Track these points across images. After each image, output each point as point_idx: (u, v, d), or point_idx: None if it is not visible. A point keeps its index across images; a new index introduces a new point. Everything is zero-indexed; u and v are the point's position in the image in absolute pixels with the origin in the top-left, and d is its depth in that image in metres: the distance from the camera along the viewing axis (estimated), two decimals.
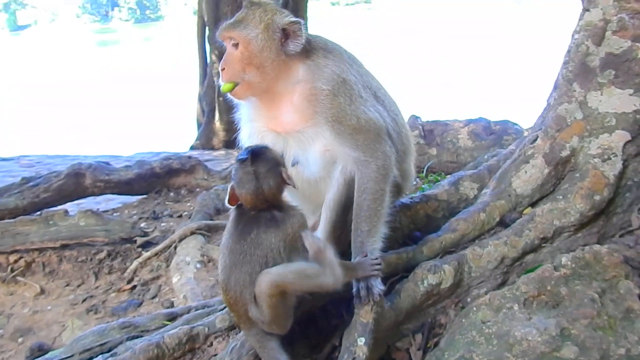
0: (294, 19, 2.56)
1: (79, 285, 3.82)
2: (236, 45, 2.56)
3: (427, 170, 4.48)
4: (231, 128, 9.10)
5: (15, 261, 3.95)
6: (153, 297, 3.59)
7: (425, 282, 2.66)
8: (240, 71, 2.55)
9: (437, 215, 3.30)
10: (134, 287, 3.69)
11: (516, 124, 5.09)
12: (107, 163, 5.21)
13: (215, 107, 9.16)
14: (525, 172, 3.10)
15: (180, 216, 4.71)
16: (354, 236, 2.64)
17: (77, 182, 4.89)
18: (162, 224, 4.56)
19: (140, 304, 3.54)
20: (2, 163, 8.41)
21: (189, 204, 4.99)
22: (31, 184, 4.79)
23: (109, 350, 2.56)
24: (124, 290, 3.69)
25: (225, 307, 2.64)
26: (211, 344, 2.52)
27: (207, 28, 9.36)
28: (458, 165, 4.95)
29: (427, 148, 5.04)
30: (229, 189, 2.32)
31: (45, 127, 15.87)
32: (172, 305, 3.47)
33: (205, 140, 9.40)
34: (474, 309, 2.53)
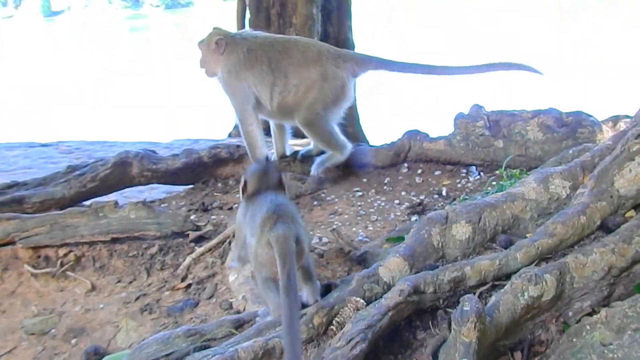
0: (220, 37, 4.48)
1: (130, 282, 3.61)
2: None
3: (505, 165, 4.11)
4: None
5: (65, 255, 3.76)
6: (210, 297, 3.36)
7: (526, 294, 2.36)
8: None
9: (524, 216, 3.00)
10: (189, 285, 3.47)
11: (591, 116, 4.69)
12: (154, 151, 4.99)
13: None
14: (630, 170, 2.78)
15: (231, 208, 4.47)
16: None
17: (123, 172, 4.69)
18: (213, 217, 4.33)
19: (196, 304, 3.31)
20: (42, 149, 8.31)
21: (238, 195, 4.73)
22: (77, 172, 4.60)
23: None
24: (179, 289, 3.47)
25: (301, 317, 2.39)
26: None
27: (247, 12, 9.11)
28: (527, 160, 4.59)
29: (492, 140, 4.68)
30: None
31: (81, 113, 15.83)
32: (230, 306, 3.23)
33: None
34: (587, 327, 2.22)
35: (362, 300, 2.40)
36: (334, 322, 2.35)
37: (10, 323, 3.38)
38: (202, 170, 4.94)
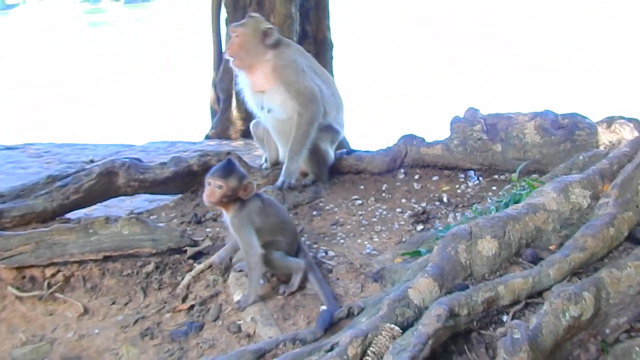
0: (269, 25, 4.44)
1: (126, 304, 3.38)
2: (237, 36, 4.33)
3: (520, 172, 3.92)
4: (249, 117, 8.53)
5: (53, 275, 3.49)
6: (215, 319, 3.16)
7: (567, 314, 2.26)
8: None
9: (547, 228, 2.90)
10: (192, 306, 3.26)
11: (586, 117, 4.66)
12: (139, 160, 4.73)
13: (233, 95, 8.64)
14: None
15: None
16: (287, 157, 4.44)
17: (109, 182, 4.42)
18: (208, 229, 4.12)
19: (201, 327, 3.11)
20: (8, 152, 7.87)
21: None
22: (59, 183, 4.31)
23: None
24: (180, 311, 3.26)
25: (333, 348, 2.24)
26: None
27: (222, 10, 8.89)
28: (526, 163, 4.54)
29: (490, 144, 4.60)
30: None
31: (43, 113, 15.21)
32: (239, 329, 3.04)
33: (221, 130, 8.89)
34: (637, 348, 2.14)
35: (397, 328, 2.25)
36: (369, 352, 2.20)
37: None
38: (191, 179, 4.70)
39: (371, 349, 2.20)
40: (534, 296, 2.51)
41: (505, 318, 2.44)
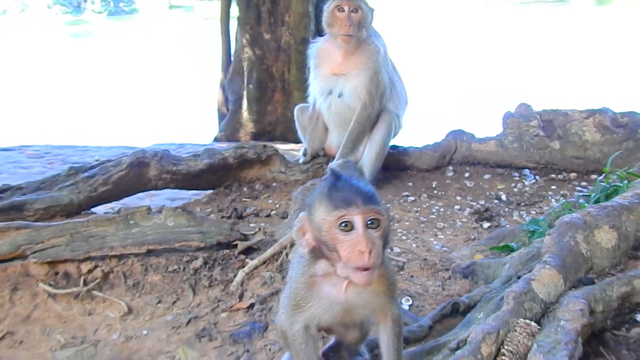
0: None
1: (174, 302, 3.01)
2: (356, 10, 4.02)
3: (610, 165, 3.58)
4: (260, 119, 8.15)
5: (90, 271, 3.11)
6: None
7: None
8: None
9: None
10: (252, 305, 2.90)
11: None
12: (169, 151, 4.38)
13: (244, 96, 8.33)
14: None
15: (269, 215, 3.94)
16: (340, 152, 4.22)
17: (139, 173, 4.07)
18: (252, 224, 3.79)
19: (266, 328, 2.75)
20: (6, 154, 7.41)
21: (270, 200, 4.22)
22: (86, 174, 3.95)
23: None
24: (238, 309, 2.90)
25: (459, 346, 1.91)
26: None
27: (231, 9, 8.62)
28: (585, 162, 4.31)
29: (548, 141, 4.36)
30: None
31: (33, 118, 14.68)
32: None
33: (230, 132, 8.54)
34: None
35: (534, 324, 1.94)
36: (504, 351, 1.88)
37: (32, 356, 2.72)
38: (225, 172, 4.38)
39: (507, 347, 1.88)
40: None
41: (639, 317, 2.15)
